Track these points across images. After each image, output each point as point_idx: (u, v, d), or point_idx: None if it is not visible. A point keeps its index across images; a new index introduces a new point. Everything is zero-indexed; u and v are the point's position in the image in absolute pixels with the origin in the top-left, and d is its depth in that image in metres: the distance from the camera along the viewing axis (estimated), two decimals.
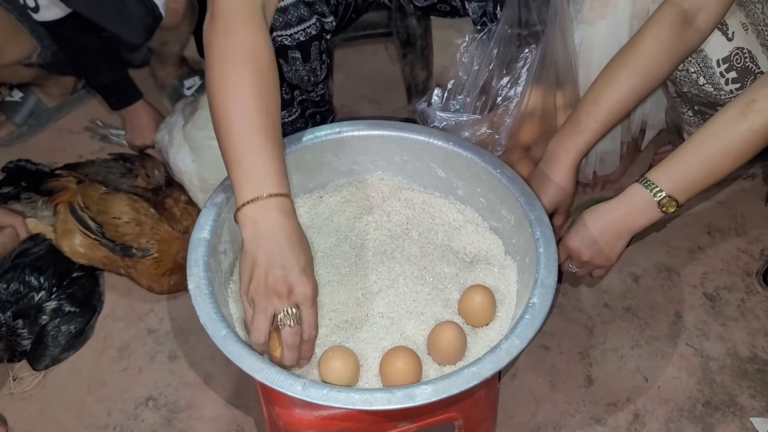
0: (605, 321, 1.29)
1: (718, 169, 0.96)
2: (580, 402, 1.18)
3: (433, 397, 0.78)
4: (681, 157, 0.97)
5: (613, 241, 1.00)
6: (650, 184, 0.97)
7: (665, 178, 0.97)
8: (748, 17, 1.10)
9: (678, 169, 0.97)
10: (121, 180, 1.35)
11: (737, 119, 0.94)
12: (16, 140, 1.62)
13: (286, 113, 1.32)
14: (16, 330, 1.20)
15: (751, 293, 1.33)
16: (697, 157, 0.96)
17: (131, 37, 1.33)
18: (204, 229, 0.95)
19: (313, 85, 1.23)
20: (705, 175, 0.97)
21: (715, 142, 0.95)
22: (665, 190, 0.96)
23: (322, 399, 0.79)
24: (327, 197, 1.11)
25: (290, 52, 1.12)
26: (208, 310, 0.86)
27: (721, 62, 1.11)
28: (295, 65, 1.15)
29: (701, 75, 1.13)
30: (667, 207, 0.97)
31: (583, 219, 1.02)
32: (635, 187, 0.99)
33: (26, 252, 1.27)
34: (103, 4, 1.24)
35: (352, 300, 0.97)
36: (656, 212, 0.98)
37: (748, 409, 1.17)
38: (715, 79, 1.13)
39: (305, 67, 1.15)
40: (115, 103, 1.51)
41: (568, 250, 1.03)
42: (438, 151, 1.06)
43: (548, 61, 1.15)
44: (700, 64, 1.13)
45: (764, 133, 0.94)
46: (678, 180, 0.96)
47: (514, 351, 0.82)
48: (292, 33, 1.10)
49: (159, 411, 1.18)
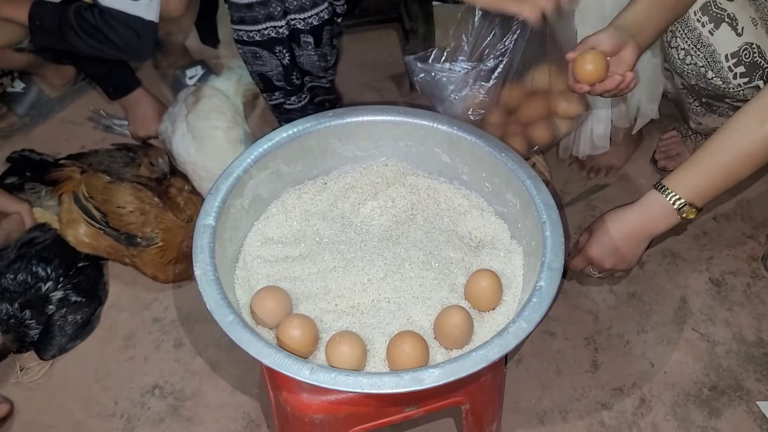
0: (611, 307, 1.29)
1: (735, 174, 0.96)
2: (586, 387, 1.19)
3: (441, 380, 0.78)
4: (698, 164, 0.96)
5: (634, 247, 1.01)
6: (668, 191, 0.97)
7: (683, 186, 0.96)
8: (758, 12, 1.09)
9: (695, 175, 0.96)
10: (125, 169, 1.35)
11: (756, 125, 0.93)
12: (19, 131, 1.62)
13: (296, 99, 1.32)
14: (25, 321, 1.21)
15: (757, 278, 1.33)
16: (714, 163, 0.96)
17: (138, 59, 1.37)
18: (209, 215, 0.95)
19: (324, 70, 1.23)
20: (722, 180, 0.96)
21: (733, 149, 0.94)
22: (684, 197, 0.96)
23: (329, 383, 0.79)
24: (331, 183, 1.10)
25: (303, 36, 1.12)
26: (214, 295, 0.86)
27: (730, 57, 1.11)
28: (307, 50, 1.15)
29: (709, 69, 1.13)
30: (687, 214, 0.96)
31: (605, 227, 1.01)
32: (653, 194, 0.98)
33: (32, 242, 1.27)
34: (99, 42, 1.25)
35: (358, 285, 0.97)
36: (676, 219, 0.97)
37: (754, 393, 1.17)
38: (723, 74, 1.13)
39: (317, 51, 1.15)
40: (113, 92, 1.50)
41: (590, 259, 1.03)
42: (442, 136, 1.06)
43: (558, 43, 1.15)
44: (708, 58, 1.13)
45: None
46: (695, 186, 0.96)
47: (522, 334, 0.82)
48: (305, 17, 1.10)
49: (165, 399, 1.19)
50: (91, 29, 1.24)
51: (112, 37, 1.23)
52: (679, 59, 1.20)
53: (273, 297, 0.91)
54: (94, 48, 1.26)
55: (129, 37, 1.24)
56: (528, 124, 1.27)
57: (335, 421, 0.91)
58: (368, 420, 0.93)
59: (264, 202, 1.06)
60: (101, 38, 1.24)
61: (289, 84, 1.27)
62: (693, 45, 1.15)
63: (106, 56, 1.31)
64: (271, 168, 1.05)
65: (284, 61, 1.21)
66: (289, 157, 1.06)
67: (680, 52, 1.19)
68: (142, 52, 1.29)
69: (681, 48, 1.18)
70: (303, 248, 1.02)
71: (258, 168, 1.02)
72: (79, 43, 1.25)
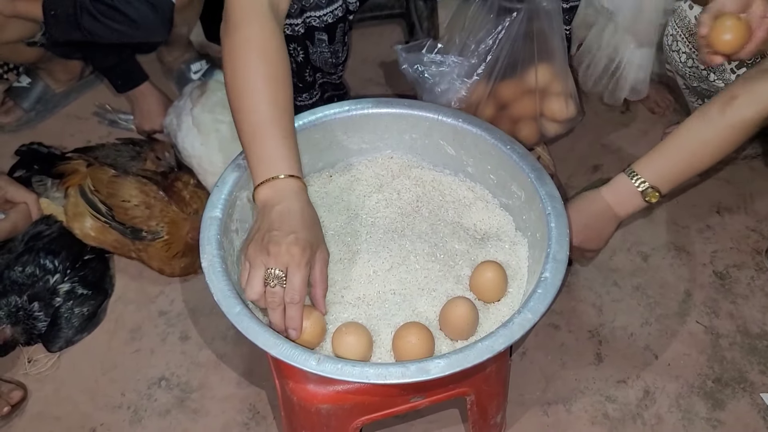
0: (614, 300, 1.29)
1: (697, 162, 1.01)
2: (590, 379, 1.19)
3: (447, 370, 0.79)
4: (663, 151, 1.02)
5: (601, 227, 1.06)
6: (634, 175, 1.02)
7: (648, 170, 1.01)
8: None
9: (660, 161, 1.02)
10: (131, 163, 1.36)
11: (717, 115, 0.97)
12: (25, 126, 1.63)
13: (308, 96, 1.32)
14: (33, 313, 1.21)
15: (761, 271, 1.33)
16: (677, 150, 1.01)
17: (152, 37, 1.35)
18: (216, 207, 0.95)
19: (334, 66, 1.23)
20: (685, 168, 1.01)
21: (695, 137, 0.99)
22: (648, 181, 1.01)
23: (336, 373, 0.79)
24: (337, 176, 1.11)
25: (317, 33, 1.13)
26: (221, 287, 0.87)
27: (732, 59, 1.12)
28: (321, 47, 1.15)
29: (711, 72, 1.14)
30: (650, 197, 1.01)
31: (575, 205, 1.06)
32: (621, 177, 1.04)
33: (39, 235, 1.28)
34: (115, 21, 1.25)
35: (364, 277, 0.97)
36: (640, 201, 1.02)
37: (758, 385, 1.17)
38: (726, 75, 1.13)
39: (330, 48, 1.16)
40: (121, 85, 1.51)
41: None
42: (447, 129, 1.06)
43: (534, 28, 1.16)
44: None
45: (741, 128, 0.97)
46: (660, 172, 1.01)
47: (527, 325, 0.82)
48: (321, 15, 1.11)
49: (171, 391, 1.19)
50: (105, 8, 1.24)
51: (128, 11, 1.23)
52: (681, 62, 1.21)
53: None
54: (110, 29, 1.26)
55: (144, 11, 1.24)
56: (517, 121, 1.28)
57: (341, 411, 0.92)
58: (374, 410, 0.93)
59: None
60: (116, 16, 1.24)
61: (301, 81, 1.27)
62: (695, 48, 1.15)
63: (121, 39, 1.30)
64: None
65: (298, 58, 1.21)
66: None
67: (682, 56, 1.20)
68: (158, 28, 1.29)
69: (683, 51, 1.19)
70: None
71: None
72: (95, 26, 1.25)
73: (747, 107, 0.95)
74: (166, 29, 1.31)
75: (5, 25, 1.37)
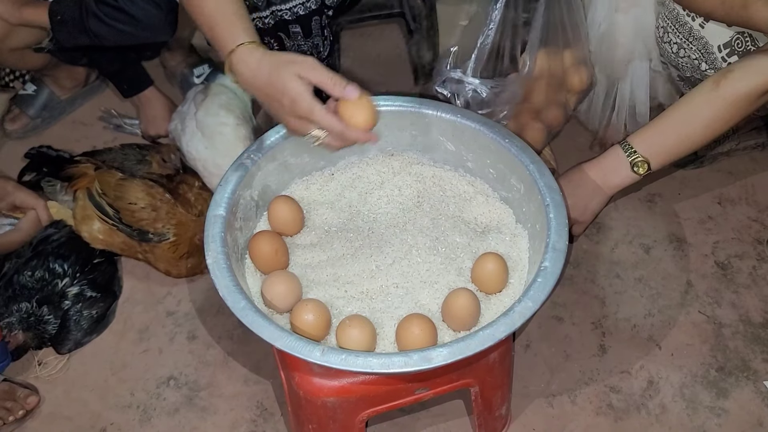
0: (617, 291, 1.30)
1: (690, 135, 1.02)
2: (594, 371, 1.20)
3: (450, 358, 0.80)
4: (657, 123, 1.03)
5: (587, 197, 1.07)
6: (627, 146, 1.04)
7: (641, 141, 1.03)
8: None
9: (653, 133, 1.03)
10: (138, 167, 1.37)
11: (710, 88, 0.99)
12: (31, 132, 1.65)
13: None
14: (43, 317, 1.23)
15: (763, 260, 1.33)
16: (671, 123, 1.02)
17: (158, 36, 1.37)
18: (220, 206, 0.97)
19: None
20: (678, 141, 1.02)
21: (688, 110, 1.01)
22: (639, 151, 1.03)
23: (340, 364, 0.80)
24: (338, 174, 1.12)
25: (291, 26, 1.13)
26: (226, 282, 0.88)
27: (723, 47, 1.13)
28: (297, 40, 1.15)
29: (703, 61, 1.15)
30: (639, 167, 1.03)
31: (565, 175, 1.08)
32: (614, 148, 1.06)
33: (48, 239, 1.30)
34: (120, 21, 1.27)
35: (367, 272, 0.98)
36: (628, 172, 1.04)
37: (761, 373, 1.18)
38: (717, 64, 1.14)
39: (307, 42, 1.16)
40: (127, 89, 1.53)
41: None
42: (446, 125, 1.08)
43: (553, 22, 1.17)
44: (701, 50, 1.14)
45: (734, 101, 0.98)
46: (652, 143, 1.03)
47: (528, 313, 0.84)
48: (290, 6, 1.11)
49: (180, 390, 1.21)
50: (110, 10, 1.26)
51: (132, 11, 1.25)
52: (673, 53, 1.22)
53: (283, 282, 0.93)
54: (116, 30, 1.28)
55: (149, 11, 1.26)
56: (540, 110, 1.28)
57: (347, 404, 0.93)
58: (379, 403, 0.94)
59: (272, 193, 1.09)
60: (122, 17, 1.26)
61: None
62: (685, 39, 1.17)
63: (127, 40, 1.32)
64: (278, 160, 1.07)
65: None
66: (296, 149, 1.08)
67: (673, 47, 1.21)
68: (163, 27, 1.30)
69: (674, 42, 1.20)
70: (312, 237, 1.04)
71: (266, 160, 1.05)
72: (101, 27, 1.27)
73: (740, 80, 0.97)
74: (171, 28, 1.33)
75: (12, 32, 1.39)
